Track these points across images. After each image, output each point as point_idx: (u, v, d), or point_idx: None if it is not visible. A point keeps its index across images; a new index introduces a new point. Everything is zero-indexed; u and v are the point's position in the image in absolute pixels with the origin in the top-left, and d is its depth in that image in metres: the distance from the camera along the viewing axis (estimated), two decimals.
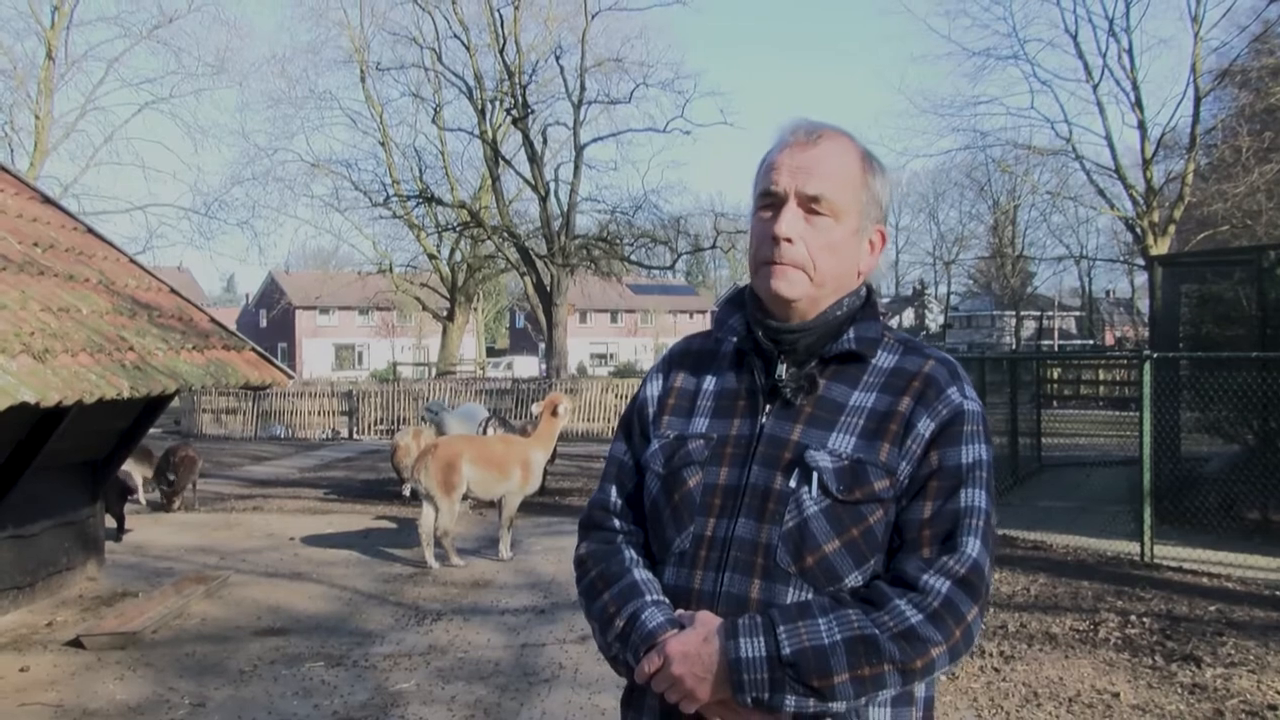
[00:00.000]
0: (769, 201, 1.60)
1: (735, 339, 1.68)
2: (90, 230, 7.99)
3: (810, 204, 1.57)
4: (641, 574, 1.63)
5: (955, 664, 1.52)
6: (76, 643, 5.95)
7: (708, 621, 1.50)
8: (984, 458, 1.55)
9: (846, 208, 1.59)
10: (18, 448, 6.34)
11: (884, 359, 1.62)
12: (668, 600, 1.59)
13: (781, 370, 1.61)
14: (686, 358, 1.77)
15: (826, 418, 1.57)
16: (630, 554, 1.67)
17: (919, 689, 1.57)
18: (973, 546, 1.49)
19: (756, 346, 1.64)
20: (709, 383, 1.70)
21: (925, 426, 1.54)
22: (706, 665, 1.46)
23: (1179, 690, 5.05)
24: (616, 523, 1.72)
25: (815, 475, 1.53)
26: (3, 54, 25.66)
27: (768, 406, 1.61)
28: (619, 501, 1.74)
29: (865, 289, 1.68)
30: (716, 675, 1.46)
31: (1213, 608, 6.53)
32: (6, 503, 6.41)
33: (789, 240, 1.57)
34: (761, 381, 1.63)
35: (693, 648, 1.48)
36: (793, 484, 1.54)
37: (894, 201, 1.71)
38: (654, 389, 1.77)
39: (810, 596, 1.51)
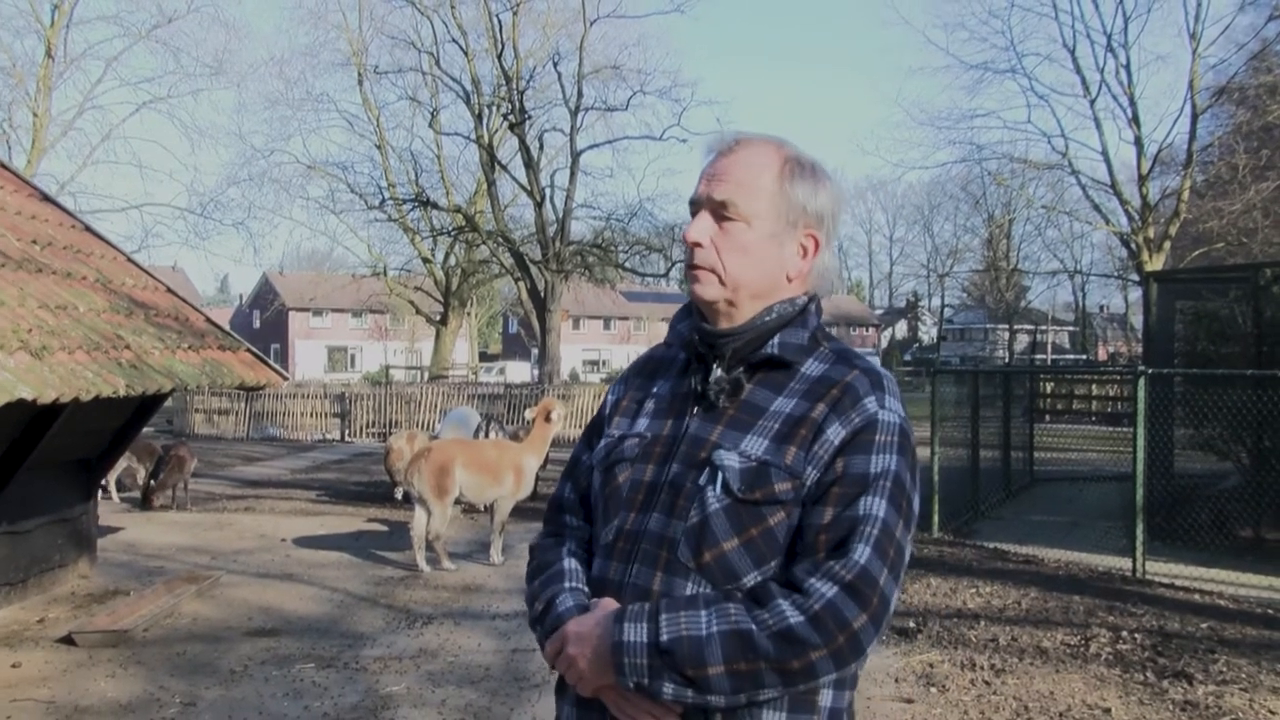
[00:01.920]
0: (692, 210, 1.67)
1: (681, 344, 1.73)
2: (88, 228, 7.99)
3: (720, 209, 1.62)
4: (569, 564, 1.69)
5: (843, 672, 1.47)
6: (68, 640, 5.94)
7: (606, 606, 1.55)
8: (893, 469, 1.52)
9: (756, 212, 1.61)
10: (13, 445, 6.33)
11: (813, 367, 1.62)
12: (586, 589, 1.64)
13: (715, 373, 1.64)
14: (648, 365, 1.83)
15: (746, 420, 1.60)
16: (569, 545, 1.73)
17: (824, 697, 1.54)
18: (862, 554, 1.45)
19: (697, 352, 1.68)
20: (658, 387, 1.75)
21: (835, 433, 1.54)
22: (595, 648, 1.50)
23: (1170, 707, 5.06)
24: (567, 517, 1.79)
25: (720, 474, 1.55)
26: (2, 51, 25.63)
27: (695, 408, 1.65)
28: (572, 498, 1.81)
29: (806, 298, 1.68)
30: (602, 657, 1.49)
31: (1205, 625, 6.54)
32: (0, 499, 6.39)
33: (697, 244, 1.63)
34: (695, 385, 1.66)
35: (586, 630, 1.53)
36: (701, 482, 1.57)
37: (839, 209, 1.67)
38: (614, 394, 1.83)
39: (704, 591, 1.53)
